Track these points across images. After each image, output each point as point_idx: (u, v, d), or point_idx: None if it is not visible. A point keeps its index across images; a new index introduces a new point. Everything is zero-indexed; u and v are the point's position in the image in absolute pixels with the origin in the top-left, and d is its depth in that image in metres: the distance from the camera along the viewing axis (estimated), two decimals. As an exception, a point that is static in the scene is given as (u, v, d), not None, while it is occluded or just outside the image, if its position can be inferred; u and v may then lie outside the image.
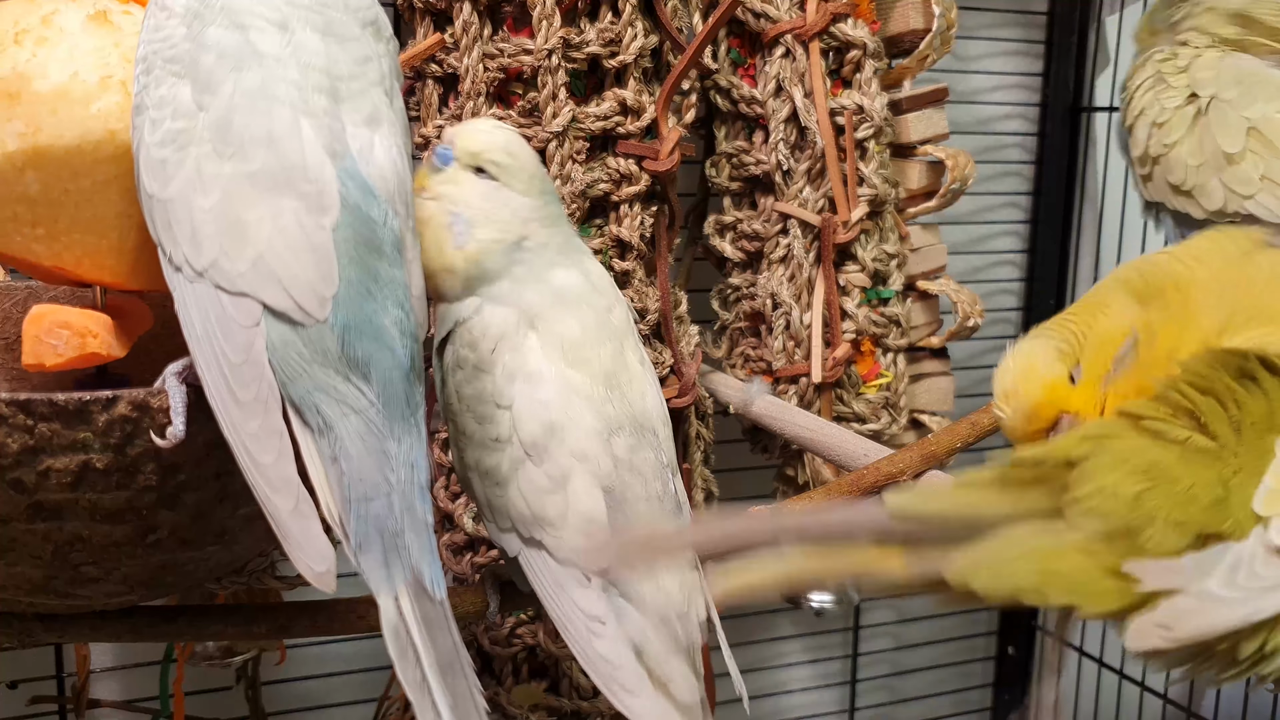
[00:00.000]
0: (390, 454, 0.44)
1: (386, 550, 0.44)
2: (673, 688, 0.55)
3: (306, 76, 0.47)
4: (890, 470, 0.65)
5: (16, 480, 0.45)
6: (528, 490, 0.55)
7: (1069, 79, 1.12)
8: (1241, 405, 0.45)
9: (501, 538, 0.58)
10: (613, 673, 0.54)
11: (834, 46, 0.88)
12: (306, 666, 0.96)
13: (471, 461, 0.57)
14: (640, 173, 0.81)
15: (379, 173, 0.47)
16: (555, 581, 0.55)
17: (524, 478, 0.55)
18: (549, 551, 0.55)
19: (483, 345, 0.56)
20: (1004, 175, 1.15)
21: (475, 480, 0.58)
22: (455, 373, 0.57)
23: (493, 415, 0.56)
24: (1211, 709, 1.07)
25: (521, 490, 0.55)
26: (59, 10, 0.51)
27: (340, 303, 0.45)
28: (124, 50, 0.51)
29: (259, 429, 0.43)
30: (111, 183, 0.51)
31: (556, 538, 0.55)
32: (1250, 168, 0.80)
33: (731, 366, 0.94)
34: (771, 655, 1.14)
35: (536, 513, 0.55)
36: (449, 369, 0.58)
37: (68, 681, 0.89)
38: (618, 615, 0.55)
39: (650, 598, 0.55)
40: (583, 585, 0.55)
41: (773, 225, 0.90)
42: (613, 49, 0.79)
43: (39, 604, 0.53)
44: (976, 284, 1.13)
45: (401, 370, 0.46)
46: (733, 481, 0.95)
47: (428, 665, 0.43)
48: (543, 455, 0.55)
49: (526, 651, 0.85)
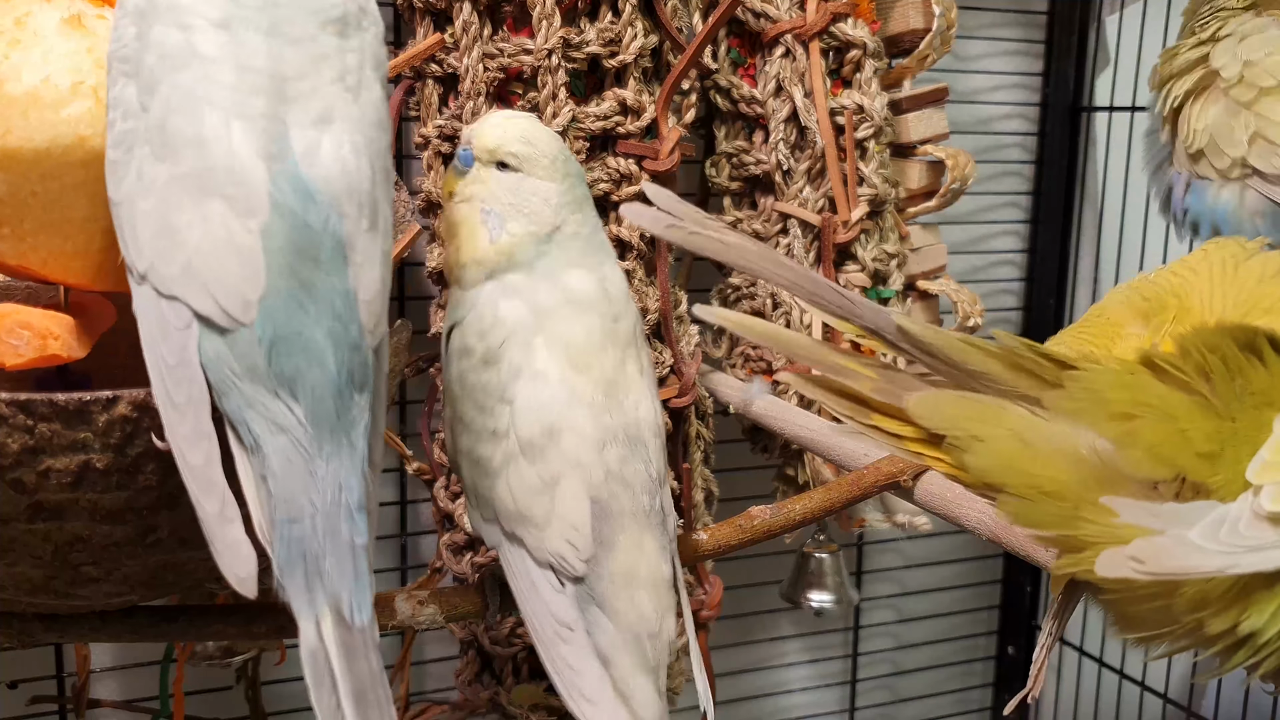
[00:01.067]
0: (317, 475, 0.43)
1: (309, 574, 0.43)
2: (634, 703, 0.54)
3: (243, 78, 0.46)
4: (890, 470, 0.65)
5: (17, 480, 0.45)
6: (517, 487, 0.55)
7: (1069, 79, 1.12)
8: (1245, 375, 0.45)
9: (484, 527, 0.58)
10: (575, 680, 0.54)
11: (834, 46, 0.88)
12: (306, 666, 0.96)
13: (465, 447, 0.57)
14: (640, 172, 0.81)
15: (324, 174, 0.46)
16: (530, 581, 0.55)
17: (515, 474, 0.55)
18: (528, 550, 0.55)
19: (492, 337, 0.57)
20: (1004, 175, 1.15)
21: (465, 466, 0.58)
22: (462, 359, 0.57)
23: (494, 408, 0.56)
24: (1211, 709, 1.07)
25: (511, 485, 0.55)
26: (32, 12, 0.51)
27: (268, 313, 0.44)
28: (97, 56, 0.51)
29: (190, 431, 0.42)
30: (80, 187, 0.51)
31: (538, 538, 0.55)
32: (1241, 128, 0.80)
33: (732, 366, 0.94)
34: (772, 655, 1.14)
35: (522, 510, 0.55)
36: (455, 354, 0.58)
37: (68, 681, 0.89)
38: (589, 625, 0.55)
39: (624, 612, 0.55)
40: (556, 590, 0.55)
41: (773, 225, 0.90)
42: (613, 49, 0.79)
43: (39, 604, 0.53)
44: (976, 284, 1.13)
45: (333, 386, 0.44)
46: (733, 481, 0.95)
47: (343, 693, 0.42)
48: (537, 455, 0.55)
49: (526, 651, 0.85)
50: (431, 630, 0.97)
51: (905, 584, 1.19)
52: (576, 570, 0.55)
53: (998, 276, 1.17)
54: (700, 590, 0.88)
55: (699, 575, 0.88)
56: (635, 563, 0.56)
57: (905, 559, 1.17)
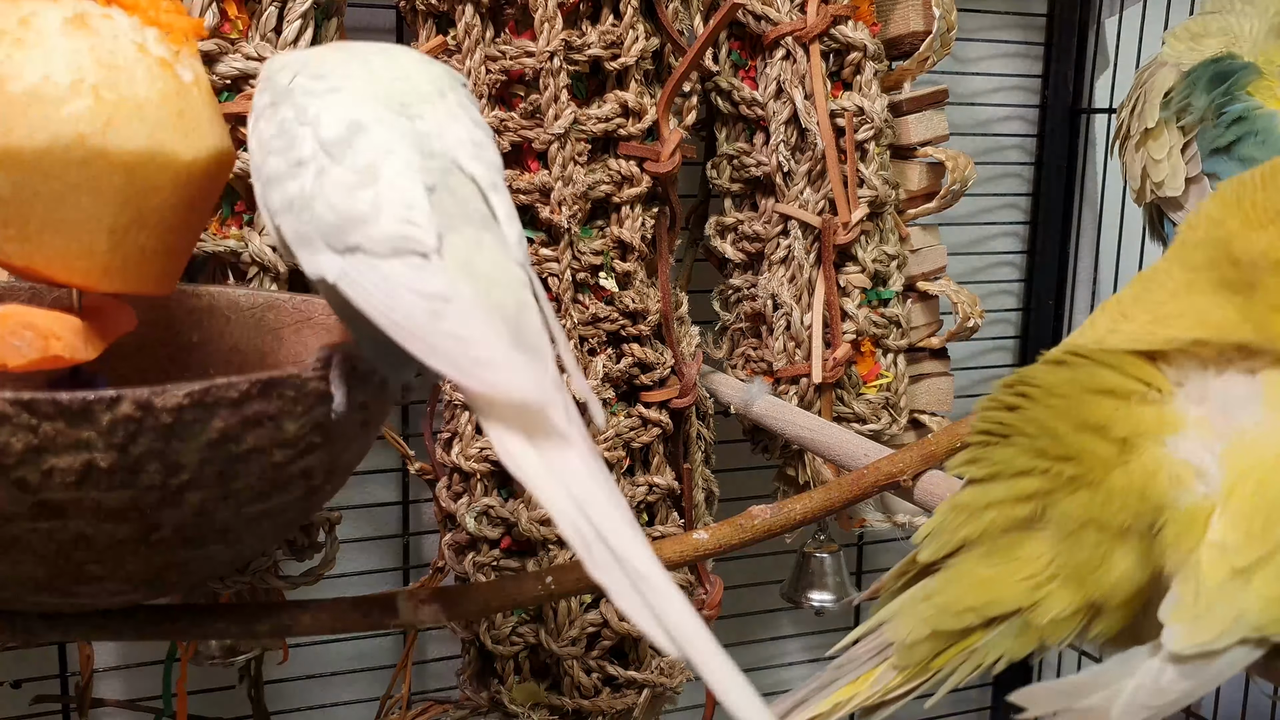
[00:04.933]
0: None
1: None
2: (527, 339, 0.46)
3: None
4: (891, 470, 0.65)
5: (20, 479, 0.45)
6: (333, 193, 0.47)
7: (1068, 81, 1.12)
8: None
9: (319, 265, 0.48)
10: (465, 349, 0.44)
11: (834, 49, 0.88)
12: (309, 665, 0.96)
13: (279, 204, 0.49)
14: (641, 174, 0.81)
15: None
16: (383, 277, 0.45)
17: (329, 183, 0.47)
18: (367, 252, 0.46)
19: (279, 80, 0.51)
20: (1004, 177, 1.15)
21: (285, 225, 0.49)
22: (255, 124, 0.52)
23: (294, 136, 0.49)
24: (1211, 709, 1.07)
25: (328, 197, 0.47)
26: (38, 12, 0.51)
27: None
28: (99, 55, 0.51)
29: None
30: (81, 186, 0.51)
31: (374, 231, 0.46)
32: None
33: (732, 367, 0.94)
34: (772, 654, 1.15)
35: (345, 213, 0.46)
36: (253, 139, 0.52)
37: (71, 680, 0.90)
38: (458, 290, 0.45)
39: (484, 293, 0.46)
40: (414, 267, 0.45)
41: (773, 226, 0.90)
42: (614, 51, 0.79)
43: (42, 603, 0.53)
44: (976, 285, 1.14)
45: None
46: (733, 481, 0.96)
47: None
48: (344, 151, 0.48)
49: (528, 651, 0.85)
50: (433, 630, 0.97)
51: (905, 584, 1.19)
52: (427, 244, 0.46)
53: (997, 278, 1.17)
54: (701, 590, 0.88)
55: (699, 575, 0.88)
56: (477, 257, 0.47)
57: (906, 559, 1.17)
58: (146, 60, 0.52)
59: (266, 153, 0.50)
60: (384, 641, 0.97)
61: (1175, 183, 0.81)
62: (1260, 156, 0.78)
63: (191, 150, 0.53)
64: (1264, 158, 0.78)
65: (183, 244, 0.56)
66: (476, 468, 0.83)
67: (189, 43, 0.55)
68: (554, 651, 0.83)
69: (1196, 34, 0.84)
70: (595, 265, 0.82)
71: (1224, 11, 0.84)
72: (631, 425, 0.83)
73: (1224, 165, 0.80)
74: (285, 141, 0.49)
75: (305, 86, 0.50)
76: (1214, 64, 0.81)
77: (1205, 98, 0.80)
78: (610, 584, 0.41)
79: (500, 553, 0.84)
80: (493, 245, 0.48)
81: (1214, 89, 0.80)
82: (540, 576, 0.60)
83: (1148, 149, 0.83)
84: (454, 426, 0.84)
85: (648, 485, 0.84)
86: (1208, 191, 0.80)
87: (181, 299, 0.65)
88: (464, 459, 0.83)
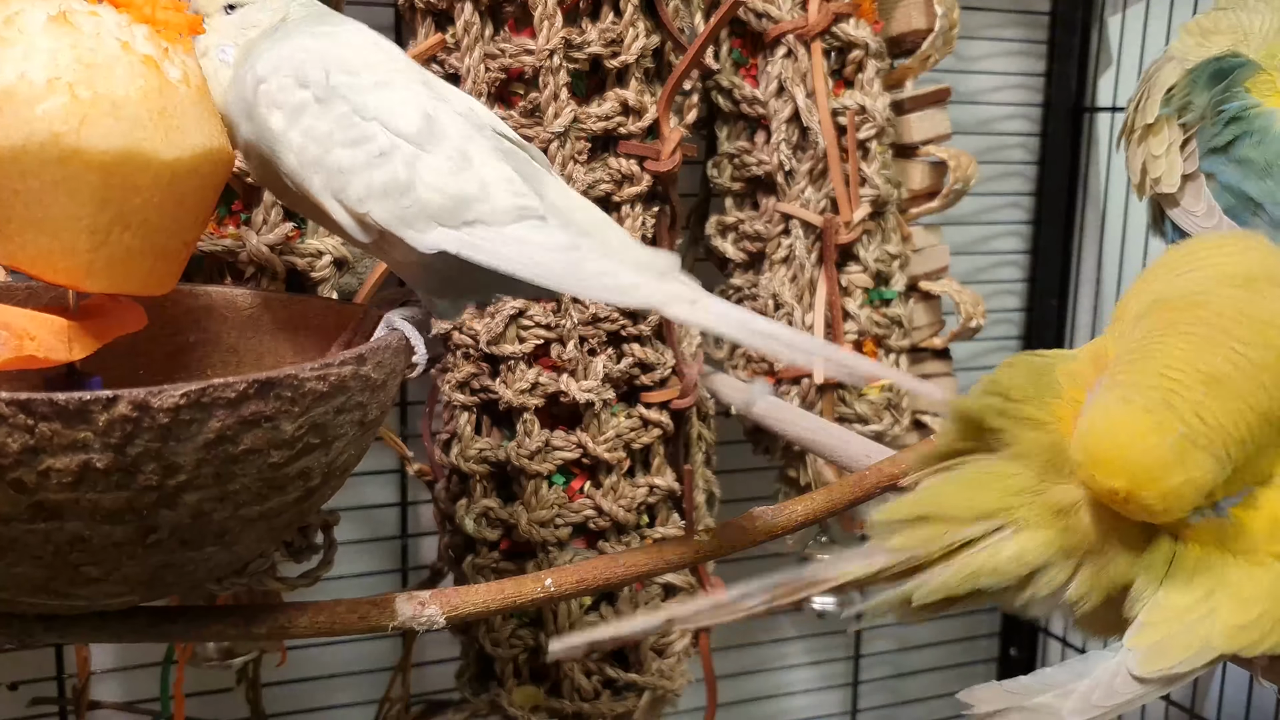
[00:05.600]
0: None
1: None
2: (631, 255, 0.55)
3: None
4: (893, 471, 0.65)
5: (17, 480, 0.45)
6: (435, 180, 0.53)
7: (1071, 79, 1.12)
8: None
9: (433, 240, 0.54)
10: (607, 280, 0.53)
11: (836, 47, 0.88)
12: (307, 668, 0.96)
13: (360, 192, 0.54)
14: (642, 173, 0.81)
15: None
16: (512, 241, 0.53)
17: (426, 170, 0.53)
18: (488, 223, 0.54)
19: (313, 76, 0.55)
20: (1006, 176, 1.15)
21: (377, 210, 0.54)
22: (299, 120, 0.55)
23: (365, 131, 0.54)
24: (1214, 710, 1.07)
25: (430, 183, 0.53)
26: (24, 11, 0.51)
27: None
28: (79, 53, 0.50)
29: None
30: (59, 184, 0.50)
31: (491, 206, 0.54)
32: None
33: (733, 368, 0.94)
34: (774, 657, 1.14)
35: (456, 194, 0.53)
36: (284, 126, 0.55)
37: (68, 683, 0.89)
38: (575, 240, 0.54)
39: (593, 232, 0.55)
40: (536, 228, 0.54)
41: (775, 226, 0.90)
42: (614, 49, 0.79)
43: (39, 604, 0.53)
44: (979, 284, 1.13)
45: None
46: (735, 483, 0.95)
47: None
48: (430, 141, 0.54)
49: (527, 653, 0.85)
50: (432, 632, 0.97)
51: (907, 585, 1.18)
52: (538, 209, 0.54)
53: (1000, 277, 1.17)
54: (702, 592, 0.88)
55: (700, 577, 0.88)
56: (562, 203, 0.56)
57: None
58: (129, 58, 0.51)
59: (331, 145, 0.54)
60: (382, 644, 0.97)
61: (1172, 179, 0.81)
62: (1256, 157, 0.78)
63: (174, 150, 0.52)
64: (1260, 158, 0.78)
65: (175, 244, 0.55)
66: (475, 469, 0.82)
67: (183, 40, 0.55)
68: (554, 653, 0.83)
69: (1207, 30, 0.84)
70: (596, 265, 0.81)
71: (1236, 8, 0.83)
72: (632, 426, 0.83)
73: (1221, 165, 0.79)
74: (354, 135, 0.54)
75: (349, 83, 0.55)
76: (1215, 62, 0.81)
77: (1205, 95, 0.80)
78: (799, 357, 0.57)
79: (499, 555, 0.84)
80: (560, 188, 0.57)
81: (1214, 86, 0.80)
82: (540, 579, 0.60)
83: (1148, 144, 0.83)
84: (453, 427, 0.84)
85: (648, 486, 0.84)
86: (1204, 190, 0.80)
87: (179, 299, 0.65)
88: (463, 460, 0.83)
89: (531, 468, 0.81)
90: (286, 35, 0.57)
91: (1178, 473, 0.42)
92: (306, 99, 0.54)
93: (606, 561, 0.61)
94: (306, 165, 0.55)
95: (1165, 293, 0.49)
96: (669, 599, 0.87)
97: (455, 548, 0.86)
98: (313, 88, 0.54)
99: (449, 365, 0.83)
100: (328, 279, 0.77)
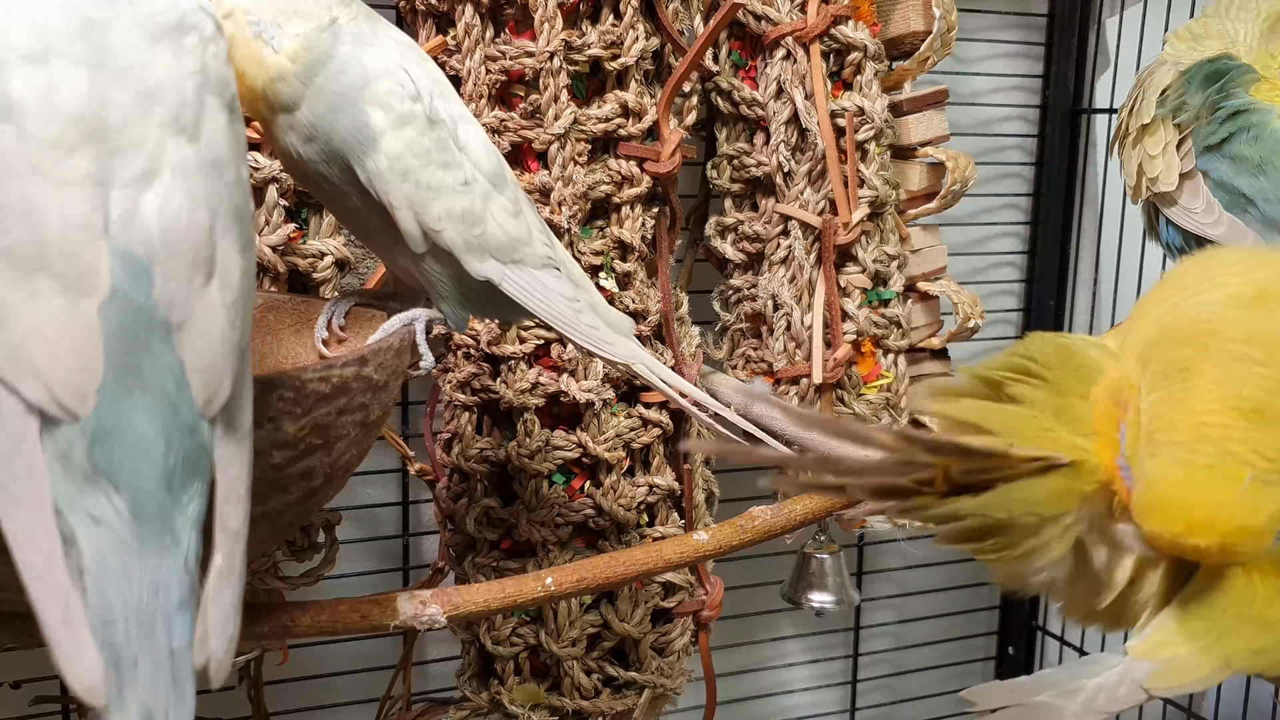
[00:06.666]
0: (132, 573, 0.39)
1: (122, 681, 0.39)
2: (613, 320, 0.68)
3: (66, 132, 0.40)
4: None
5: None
6: (501, 219, 0.62)
7: (1069, 81, 1.12)
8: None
9: (485, 270, 0.62)
10: (595, 333, 0.65)
11: (835, 49, 0.88)
12: (309, 666, 0.96)
13: (441, 213, 0.60)
14: (641, 174, 0.81)
15: (144, 238, 0.40)
16: (538, 284, 0.63)
17: (496, 209, 0.62)
18: (527, 263, 0.63)
19: (423, 92, 0.59)
20: (1004, 177, 1.15)
21: (450, 232, 0.60)
22: (403, 129, 0.58)
23: (455, 159, 0.60)
24: (1212, 709, 1.07)
25: (497, 220, 0.62)
26: None
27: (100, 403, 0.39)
28: None
29: (28, 526, 0.38)
30: None
31: (530, 249, 0.63)
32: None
33: (733, 368, 0.94)
34: (772, 655, 1.15)
35: (513, 235, 0.62)
36: (376, 132, 0.57)
37: (71, 681, 0.89)
38: (578, 293, 0.66)
39: (578, 279, 0.67)
40: (555, 277, 0.64)
41: (773, 227, 0.90)
42: (614, 51, 0.79)
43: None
44: (977, 285, 1.14)
45: (160, 478, 0.40)
46: (734, 482, 0.96)
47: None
48: (501, 185, 0.62)
49: (528, 651, 0.85)
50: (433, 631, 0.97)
51: (906, 584, 1.19)
52: (559, 259, 0.65)
53: (998, 278, 1.17)
54: (701, 590, 0.88)
55: (700, 575, 0.88)
56: (564, 254, 0.67)
57: (906, 560, 1.17)
58: None
59: (427, 162, 0.59)
60: (384, 642, 0.97)
61: (1169, 178, 0.81)
62: (1250, 154, 0.78)
63: None
64: (1254, 155, 0.78)
65: None
66: (476, 468, 0.83)
67: None
68: (554, 652, 0.83)
69: (1198, 35, 0.84)
70: (595, 265, 0.82)
71: (1221, 16, 0.84)
72: (632, 426, 0.83)
73: (1216, 163, 0.80)
74: (448, 159, 0.60)
75: (448, 110, 0.60)
76: (1210, 64, 0.82)
77: (1200, 95, 0.81)
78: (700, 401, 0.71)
79: (500, 554, 0.84)
80: (556, 242, 0.67)
81: (1209, 87, 0.80)
82: (540, 577, 0.60)
83: (1144, 145, 0.83)
84: (454, 427, 0.84)
85: (648, 486, 0.84)
86: (1202, 187, 0.80)
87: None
88: (464, 460, 0.83)
89: (532, 467, 0.81)
90: (376, 39, 0.58)
91: (1259, 515, 0.42)
92: (417, 112, 0.58)
93: (606, 560, 0.61)
94: (397, 172, 0.58)
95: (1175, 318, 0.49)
96: (669, 598, 0.87)
97: (456, 547, 0.86)
98: (423, 103, 0.59)
99: (450, 365, 0.83)
100: (329, 280, 0.77)
